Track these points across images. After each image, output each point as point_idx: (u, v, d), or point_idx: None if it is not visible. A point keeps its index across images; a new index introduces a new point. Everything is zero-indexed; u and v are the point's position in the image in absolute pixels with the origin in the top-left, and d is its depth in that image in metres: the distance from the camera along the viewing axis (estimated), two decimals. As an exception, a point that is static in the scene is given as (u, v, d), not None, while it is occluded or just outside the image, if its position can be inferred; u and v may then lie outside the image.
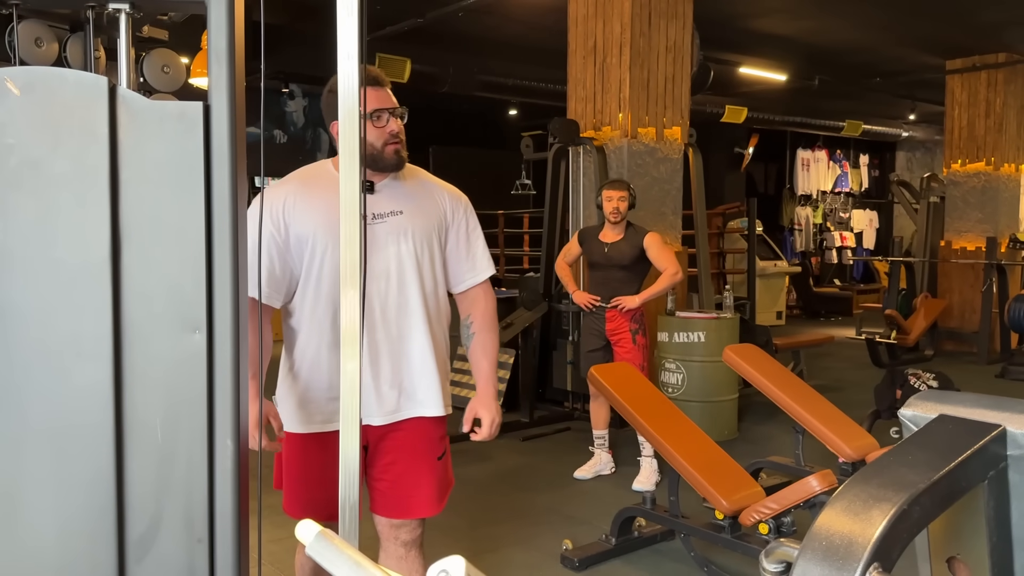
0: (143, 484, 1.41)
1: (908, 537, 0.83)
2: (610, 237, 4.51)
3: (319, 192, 2.04)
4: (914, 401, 1.00)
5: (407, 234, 2.07)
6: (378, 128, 2.04)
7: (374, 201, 2.06)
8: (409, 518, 2.13)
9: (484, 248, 2.25)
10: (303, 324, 2.08)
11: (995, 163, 9.29)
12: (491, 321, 2.25)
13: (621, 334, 4.48)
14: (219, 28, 1.40)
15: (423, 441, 2.14)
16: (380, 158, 2.05)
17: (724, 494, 3.08)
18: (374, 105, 2.03)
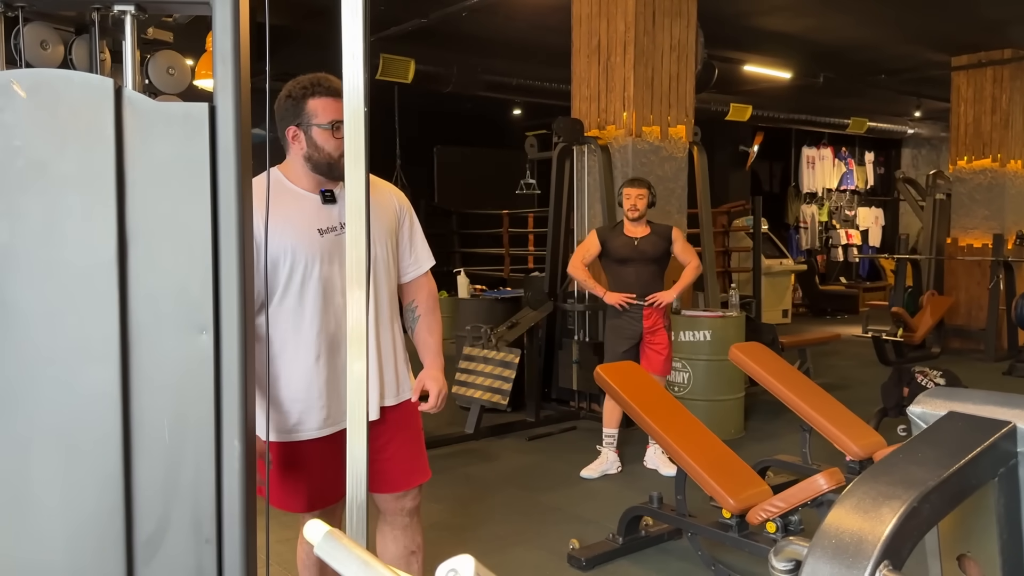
0: (151, 485, 1.41)
1: (918, 535, 0.83)
2: (637, 232, 4.57)
3: (284, 206, 2.05)
4: (923, 398, 1.00)
5: (375, 240, 2.13)
6: (336, 139, 2.05)
7: (335, 211, 2.11)
8: (408, 488, 2.30)
9: (424, 241, 2.36)
10: (286, 339, 2.08)
11: (1001, 160, 9.26)
12: (434, 303, 2.40)
13: (658, 331, 4.57)
14: (224, 30, 1.40)
15: (409, 419, 2.30)
16: (335, 167, 2.07)
17: (731, 493, 3.08)
18: (334, 116, 2.05)
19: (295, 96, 2.06)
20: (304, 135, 2.07)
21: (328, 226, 2.09)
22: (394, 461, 2.26)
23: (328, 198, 2.10)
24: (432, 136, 11.47)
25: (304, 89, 2.06)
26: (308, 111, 2.06)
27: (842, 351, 8.88)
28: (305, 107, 2.06)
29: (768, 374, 3.89)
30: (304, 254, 2.03)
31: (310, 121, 2.06)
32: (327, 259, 2.06)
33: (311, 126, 2.06)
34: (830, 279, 14.31)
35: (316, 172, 2.09)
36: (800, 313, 12.71)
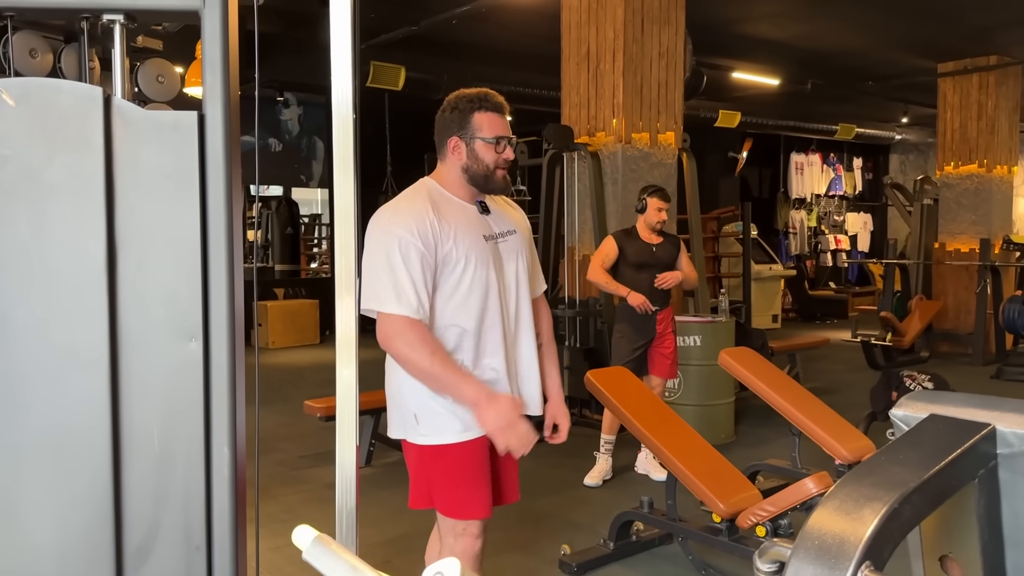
0: (141, 492, 1.41)
1: (900, 535, 0.84)
2: (654, 239, 4.65)
3: (452, 213, 2.12)
4: (905, 401, 1.01)
5: (519, 252, 2.25)
6: (497, 153, 2.14)
7: (494, 221, 2.21)
8: (507, 503, 2.37)
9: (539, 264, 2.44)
10: (451, 337, 2.13)
11: (988, 165, 9.33)
12: (552, 332, 2.45)
13: (667, 334, 4.66)
14: (213, 39, 1.41)
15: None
16: (491, 179, 2.16)
17: (721, 497, 3.09)
18: (499, 132, 2.15)
19: (461, 109, 2.15)
20: (466, 146, 2.14)
21: (489, 233, 2.18)
22: (500, 479, 2.31)
23: (484, 209, 2.20)
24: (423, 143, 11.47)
25: (471, 103, 2.14)
26: (473, 124, 2.13)
27: (831, 356, 8.92)
28: (471, 120, 2.14)
29: (758, 379, 3.91)
30: (474, 259, 2.10)
31: (474, 134, 2.13)
32: (490, 264, 2.14)
33: (475, 138, 2.13)
34: (819, 284, 14.38)
35: (471, 183, 2.16)
36: (790, 318, 12.76)
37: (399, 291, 1.99)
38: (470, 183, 2.16)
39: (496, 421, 2.01)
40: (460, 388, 2.03)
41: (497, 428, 2.02)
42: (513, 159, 2.19)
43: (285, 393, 6.83)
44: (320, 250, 13.18)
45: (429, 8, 7.00)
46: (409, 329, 2.00)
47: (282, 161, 11.59)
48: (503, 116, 2.18)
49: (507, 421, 2.01)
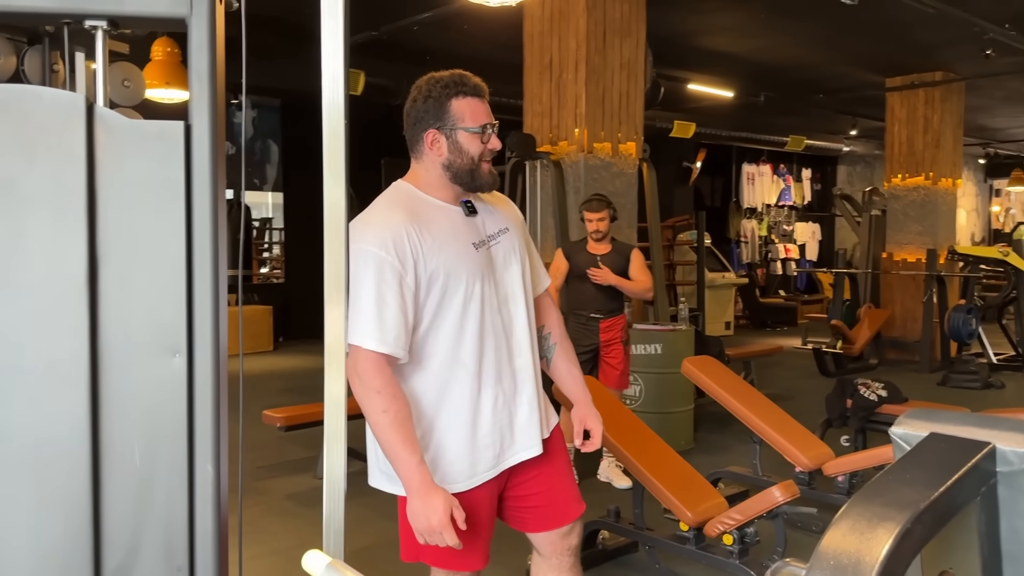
0: (121, 512, 1.37)
1: (912, 555, 0.86)
2: (600, 250, 4.63)
3: (434, 222, 1.86)
4: (904, 420, 1.03)
5: (516, 252, 1.98)
6: (483, 144, 1.88)
7: (482, 222, 1.94)
8: (570, 521, 2.06)
9: (539, 256, 2.18)
10: (438, 371, 1.86)
11: (933, 177, 9.61)
12: (564, 329, 2.20)
13: (614, 344, 4.60)
14: (200, 48, 1.38)
15: (561, 445, 2.09)
16: (477, 174, 1.89)
17: (688, 505, 3.12)
18: (483, 119, 1.88)
19: (436, 96, 1.86)
20: (446, 139, 1.87)
21: (479, 239, 1.91)
22: (550, 496, 2.04)
23: (471, 210, 1.92)
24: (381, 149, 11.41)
25: (447, 88, 1.86)
26: (453, 112, 1.85)
27: (784, 363, 9.09)
28: (449, 108, 1.85)
29: (720, 387, 3.96)
30: (465, 272, 1.84)
31: (455, 124, 1.85)
32: (483, 275, 1.88)
33: (456, 129, 1.86)
34: (770, 292, 14.64)
35: (455, 181, 1.89)
36: (742, 325, 12.96)
37: (366, 321, 1.74)
38: (453, 181, 1.89)
39: (423, 520, 1.74)
40: (400, 461, 1.76)
41: (417, 525, 1.76)
42: (498, 149, 1.92)
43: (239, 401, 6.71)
44: (272, 255, 12.99)
45: (390, 13, 6.96)
46: (373, 369, 1.76)
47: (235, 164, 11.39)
48: (484, 100, 1.90)
49: (429, 526, 1.73)
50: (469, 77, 1.89)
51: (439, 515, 1.71)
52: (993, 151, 16.10)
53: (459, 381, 1.86)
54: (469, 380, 1.86)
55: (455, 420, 1.88)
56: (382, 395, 1.75)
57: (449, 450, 1.88)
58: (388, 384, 1.76)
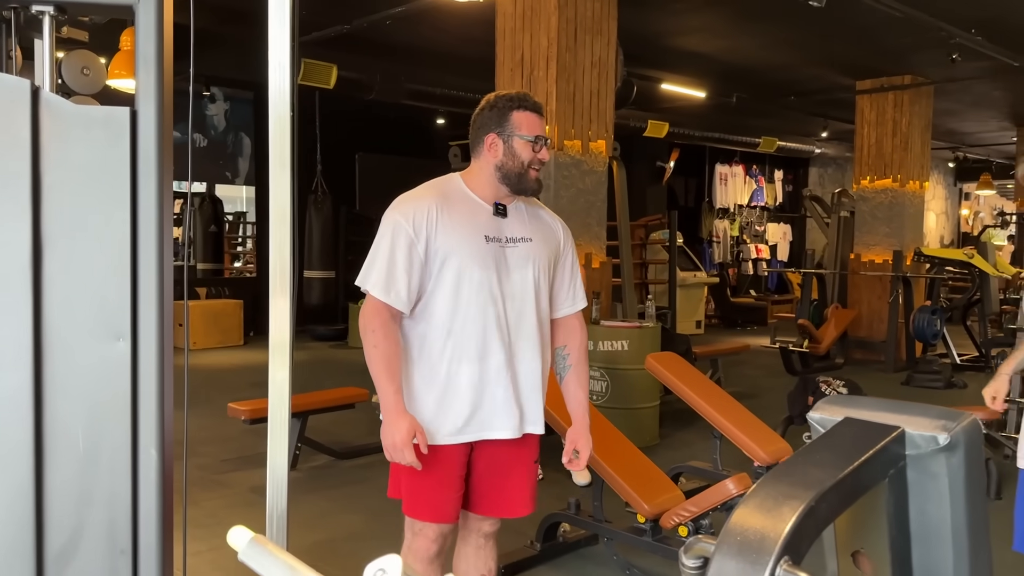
0: (64, 495, 1.38)
1: (816, 531, 0.89)
2: None
3: (460, 210, 2.13)
4: (822, 405, 1.07)
5: (534, 261, 2.19)
6: (533, 152, 2.14)
7: (507, 225, 2.18)
8: (506, 516, 2.33)
9: (581, 280, 2.38)
10: (435, 337, 2.13)
11: (901, 180, 9.75)
12: (585, 354, 2.39)
13: None
14: (147, 34, 1.39)
15: (526, 454, 2.29)
16: (525, 178, 2.15)
17: (646, 498, 3.16)
18: (537, 131, 2.15)
19: (500, 107, 2.16)
20: (503, 143, 2.14)
21: (495, 236, 2.15)
22: (499, 489, 2.27)
23: (500, 211, 2.17)
24: (354, 143, 11.38)
25: (511, 102, 2.16)
26: (512, 122, 2.14)
27: (751, 361, 9.18)
28: (510, 118, 2.14)
29: (682, 383, 4.01)
30: (465, 256, 2.09)
31: (513, 131, 2.14)
32: (488, 266, 2.11)
33: (513, 136, 2.13)
34: (741, 292, 14.78)
35: (503, 182, 2.15)
36: (712, 324, 13.07)
37: (377, 273, 2.07)
38: (502, 182, 2.15)
39: (388, 437, 2.05)
40: (381, 389, 2.07)
41: (384, 442, 2.07)
42: (547, 161, 2.20)
43: (206, 396, 6.68)
44: (244, 249, 12.91)
45: (362, 7, 6.95)
46: (373, 312, 2.08)
47: (207, 157, 11.32)
48: (541, 117, 2.19)
49: (392, 442, 2.04)
50: (531, 97, 2.20)
51: (402, 434, 2.02)
52: (962, 155, 16.36)
53: (449, 347, 2.12)
54: (452, 349, 2.12)
55: (431, 378, 2.14)
56: (376, 334, 2.07)
57: (417, 401, 2.15)
58: (383, 326, 2.07)
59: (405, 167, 11.68)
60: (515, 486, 2.28)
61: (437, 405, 2.13)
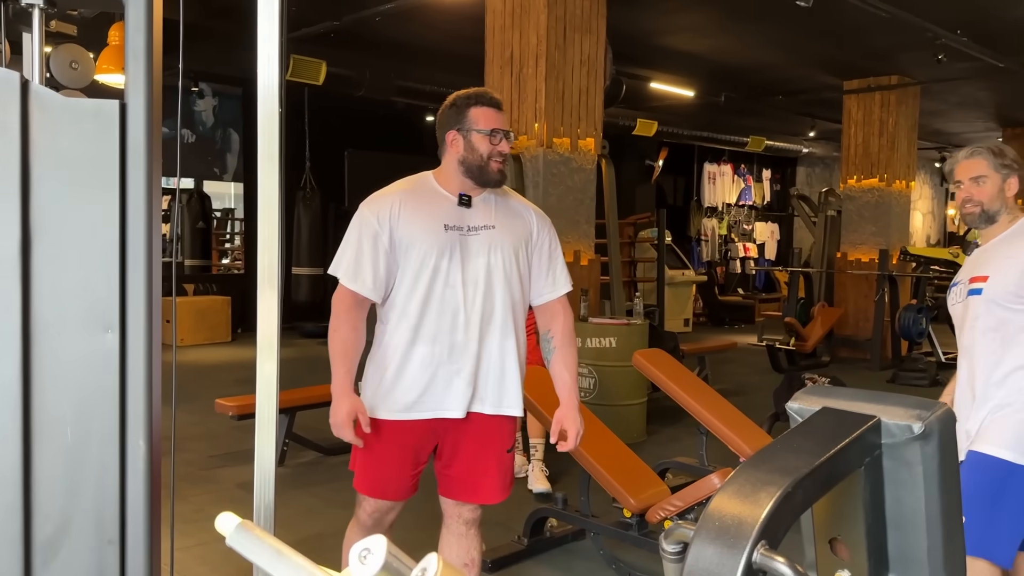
0: (52, 485, 1.39)
1: (793, 517, 0.91)
2: None
3: (423, 202, 2.27)
4: (800, 395, 1.09)
5: (497, 247, 2.28)
6: (492, 145, 2.25)
7: (470, 215, 2.28)
8: (475, 503, 2.37)
9: (564, 266, 2.46)
10: (393, 320, 2.27)
11: (887, 179, 9.82)
12: (571, 336, 2.46)
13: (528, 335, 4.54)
14: (137, 27, 1.40)
15: (495, 436, 2.35)
16: (485, 170, 2.26)
17: (632, 493, 3.19)
18: (493, 124, 2.26)
19: (459, 105, 2.29)
20: (463, 139, 2.26)
21: (455, 224, 2.26)
22: (467, 472, 2.33)
23: (464, 202, 2.28)
24: (343, 140, 11.36)
25: (468, 99, 2.28)
26: (470, 118, 2.26)
27: (738, 359, 9.23)
28: (467, 114, 2.26)
29: (668, 379, 4.04)
30: (424, 245, 2.21)
31: (471, 127, 2.25)
32: (445, 253, 2.22)
33: (471, 131, 2.25)
34: (729, 290, 14.84)
35: (467, 175, 2.27)
36: (701, 322, 13.13)
37: (347, 262, 2.23)
38: (465, 175, 2.27)
39: (332, 416, 2.21)
40: (334, 371, 2.23)
41: (331, 420, 2.22)
42: (508, 152, 2.29)
43: (194, 392, 6.67)
44: (233, 245, 12.87)
45: (352, 4, 6.95)
46: (339, 298, 2.25)
47: (195, 153, 11.28)
48: (499, 111, 2.30)
49: (335, 420, 2.20)
50: (489, 92, 2.31)
51: (341, 414, 2.18)
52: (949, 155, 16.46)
53: (402, 329, 2.24)
54: (409, 331, 2.24)
55: (389, 357, 2.26)
56: (338, 319, 2.24)
57: (373, 378, 2.28)
58: (346, 311, 2.24)
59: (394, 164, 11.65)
60: (485, 472, 2.34)
61: (390, 383, 2.25)
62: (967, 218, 2.40)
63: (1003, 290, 2.27)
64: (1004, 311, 2.27)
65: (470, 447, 2.32)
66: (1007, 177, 2.35)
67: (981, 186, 2.35)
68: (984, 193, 2.35)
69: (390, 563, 0.69)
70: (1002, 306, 2.27)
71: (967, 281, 2.40)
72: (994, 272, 2.31)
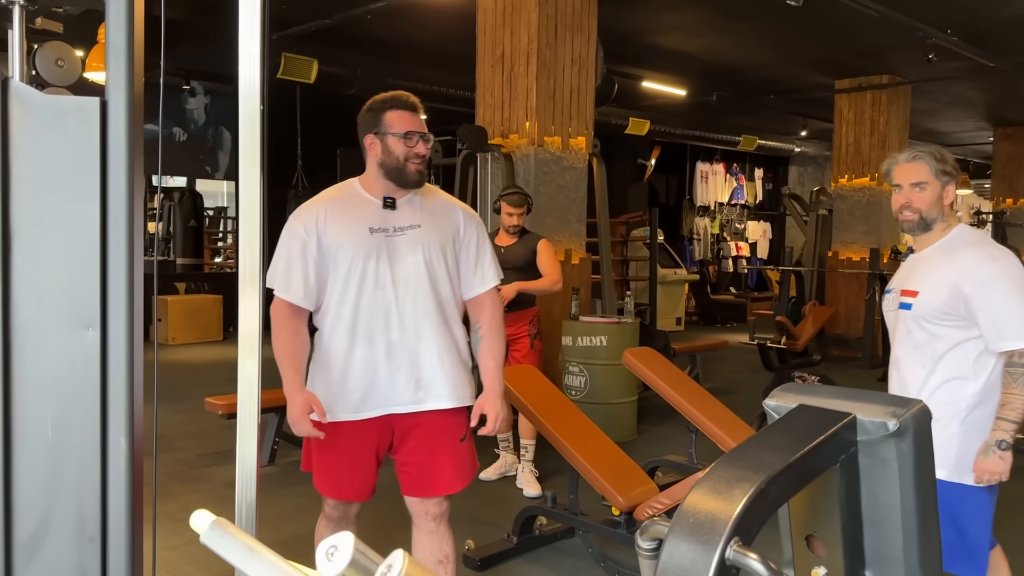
0: (32, 483, 1.38)
1: (767, 514, 0.92)
2: (505, 241, 4.60)
3: (348, 208, 2.32)
4: (777, 393, 1.10)
5: (424, 246, 2.33)
6: (407, 147, 2.29)
7: (395, 216, 2.33)
8: (433, 496, 2.41)
9: (492, 260, 2.52)
10: (328, 324, 2.32)
11: (879, 179, 9.84)
12: (497, 326, 2.51)
13: (520, 339, 4.55)
14: (118, 24, 1.39)
15: (442, 429, 2.39)
16: (403, 172, 2.30)
17: (621, 491, 3.19)
18: (407, 127, 2.30)
19: (375, 109, 2.33)
20: (380, 143, 2.31)
21: (380, 227, 2.31)
22: (421, 467, 2.39)
23: (389, 204, 2.32)
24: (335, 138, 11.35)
25: (383, 103, 2.32)
26: (385, 121, 2.30)
27: (730, 357, 9.25)
28: (383, 118, 2.31)
29: (658, 378, 4.04)
30: (351, 249, 2.26)
31: (386, 130, 2.30)
32: (372, 256, 2.28)
33: (387, 135, 2.30)
34: (721, 289, 14.87)
35: (387, 177, 2.32)
36: (693, 321, 13.15)
37: (276, 272, 2.30)
38: (386, 177, 2.31)
39: (288, 414, 2.26)
40: (282, 373, 2.28)
41: (288, 419, 2.26)
42: (425, 154, 2.32)
43: (185, 391, 6.65)
44: (225, 244, 12.83)
45: (343, 2, 6.93)
46: (275, 307, 2.30)
47: (187, 151, 11.25)
48: (414, 113, 2.33)
49: (291, 417, 2.24)
50: (404, 96, 2.33)
51: (296, 411, 2.22)
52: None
53: (338, 332, 2.30)
54: (345, 334, 2.30)
55: (331, 361, 2.32)
56: (277, 327, 2.31)
57: (322, 382, 2.33)
58: (284, 319, 2.30)
59: (387, 163, 11.66)
60: (441, 463, 2.39)
61: (337, 386, 2.31)
62: (904, 225, 2.35)
63: (931, 309, 2.24)
64: (934, 327, 2.25)
65: (422, 442, 2.37)
66: (946, 184, 2.30)
67: (921, 192, 2.30)
68: (923, 200, 2.30)
69: (357, 560, 0.69)
70: (931, 322, 2.25)
71: (898, 292, 2.38)
72: (924, 288, 2.28)
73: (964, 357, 2.24)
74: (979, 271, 2.20)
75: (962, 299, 2.20)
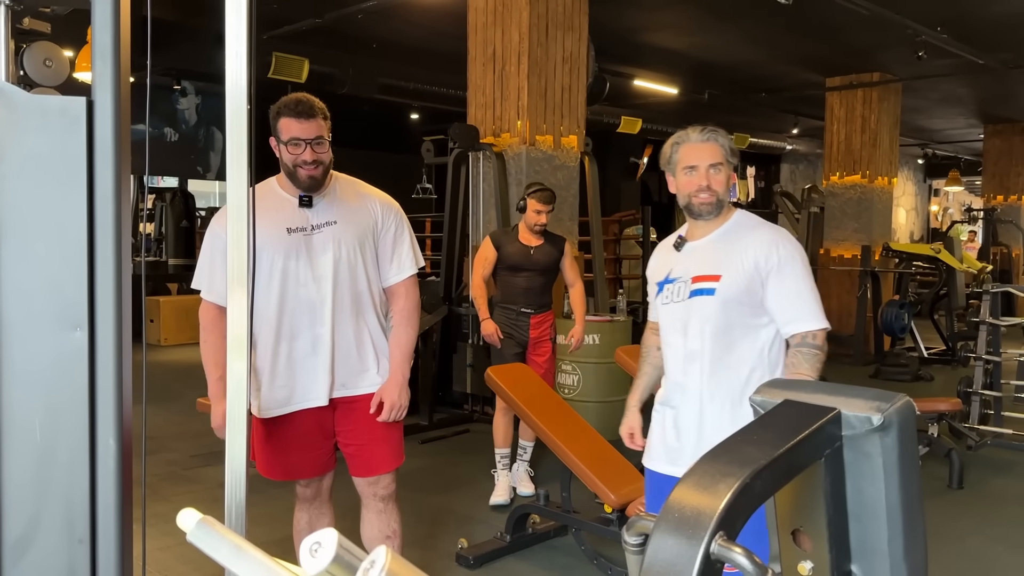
0: (21, 484, 1.38)
1: (752, 508, 0.92)
2: (533, 241, 4.38)
3: (267, 208, 2.32)
4: (762, 388, 1.10)
5: (341, 241, 2.39)
6: (293, 154, 2.32)
7: (312, 214, 2.39)
8: (376, 475, 2.53)
9: (410, 249, 2.57)
10: (260, 324, 2.35)
11: (870, 176, 9.88)
12: (408, 316, 2.57)
13: (543, 341, 4.45)
14: (104, 23, 1.39)
15: (373, 413, 2.50)
16: (295, 178, 2.35)
17: (613, 489, 3.20)
18: (293, 134, 2.32)
19: (273, 114, 2.38)
20: (279, 147, 2.38)
21: (298, 226, 2.36)
22: (361, 449, 2.51)
23: (305, 202, 2.37)
24: (327, 138, 11.33)
25: (278, 110, 2.36)
26: (280, 128, 2.36)
27: (724, 355, 9.25)
28: (278, 124, 2.36)
29: (650, 376, 4.04)
30: (270, 249, 2.31)
31: (279, 137, 2.36)
32: (292, 255, 2.33)
33: (280, 141, 2.36)
34: (715, 287, 14.87)
35: (289, 179, 2.39)
36: (687, 319, 13.15)
37: (201, 274, 2.39)
38: (289, 179, 2.39)
39: (212, 421, 2.39)
40: (208, 377, 2.39)
41: (212, 425, 2.40)
42: (312, 160, 2.33)
43: (177, 391, 6.64)
44: (218, 245, 12.78)
45: (334, 1, 6.93)
46: (202, 310, 2.40)
47: (178, 152, 11.22)
48: (304, 119, 2.33)
49: (216, 425, 2.37)
50: (296, 101, 2.34)
51: (220, 417, 2.32)
52: (931, 152, 16.59)
53: (264, 331, 2.36)
54: (271, 332, 2.36)
55: (259, 360, 2.39)
56: (204, 329, 2.40)
57: (256, 382, 2.40)
58: (210, 322, 2.38)
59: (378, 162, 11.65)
60: (377, 444, 2.51)
61: (267, 383, 2.39)
62: (702, 207, 2.17)
63: (737, 290, 2.13)
64: (737, 310, 2.15)
65: (357, 426, 2.49)
66: (731, 169, 2.20)
67: (717, 174, 2.16)
68: (720, 183, 2.16)
69: (341, 556, 0.70)
70: (736, 305, 2.14)
71: (689, 280, 2.21)
72: (727, 271, 2.15)
73: (757, 342, 2.18)
74: (777, 251, 2.13)
75: (760, 281, 2.12)
